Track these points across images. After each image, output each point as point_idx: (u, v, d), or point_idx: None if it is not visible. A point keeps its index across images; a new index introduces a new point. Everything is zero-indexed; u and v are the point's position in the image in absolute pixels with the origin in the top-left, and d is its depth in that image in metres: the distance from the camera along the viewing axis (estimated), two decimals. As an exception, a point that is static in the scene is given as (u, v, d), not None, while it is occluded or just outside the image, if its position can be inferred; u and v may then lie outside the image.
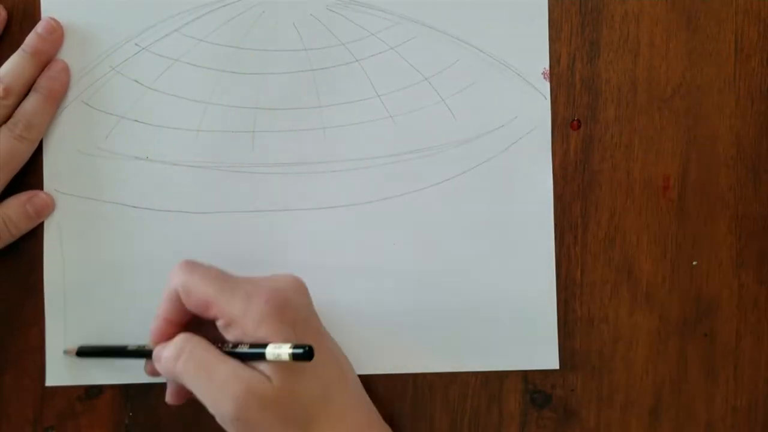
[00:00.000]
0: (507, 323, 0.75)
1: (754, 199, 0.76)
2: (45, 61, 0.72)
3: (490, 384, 0.75)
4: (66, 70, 0.72)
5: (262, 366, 0.63)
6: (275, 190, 0.74)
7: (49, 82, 0.72)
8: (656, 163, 0.75)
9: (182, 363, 0.64)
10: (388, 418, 0.74)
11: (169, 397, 0.69)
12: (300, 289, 0.67)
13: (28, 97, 0.71)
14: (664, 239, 0.76)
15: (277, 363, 0.62)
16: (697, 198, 0.76)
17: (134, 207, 0.73)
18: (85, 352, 0.73)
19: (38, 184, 0.73)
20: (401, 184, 0.74)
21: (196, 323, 0.66)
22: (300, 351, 0.60)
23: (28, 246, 0.73)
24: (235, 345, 0.64)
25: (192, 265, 0.66)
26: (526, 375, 0.75)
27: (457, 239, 0.74)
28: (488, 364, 0.75)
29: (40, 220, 0.73)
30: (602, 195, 0.76)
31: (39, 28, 0.72)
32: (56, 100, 0.72)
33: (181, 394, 0.69)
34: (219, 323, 0.64)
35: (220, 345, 0.64)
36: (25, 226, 0.72)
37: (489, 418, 0.76)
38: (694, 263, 0.76)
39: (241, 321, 0.63)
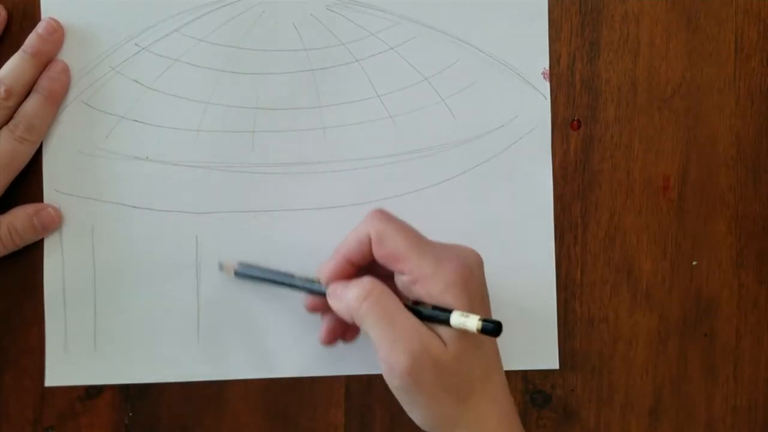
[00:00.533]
0: (507, 323, 0.73)
1: (754, 199, 0.76)
2: (46, 61, 0.72)
3: (490, 384, 0.75)
4: (66, 71, 0.72)
5: (440, 329, 0.63)
6: (275, 190, 0.74)
7: (49, 83, 0.71)
8: (656, 163, 0.76)
9: (368, 305, 0.64)
10: (388, 417, 0.75)
11: (323, 337, 0.71)
12: (481, 264, 0.67)
13: (28, 98, 0.71)
14: (664, 239, 0.76)
15: (456, 331, 0.62)
16: (697, 198, 0.76)
17: (134, 207, 0.73)
18: (244, 273, 0.73)
19: (38, 184, 0.73)
20: (401, 184, 0.74)
21: (371, 272, 0.67)
22: (490, 326, 0.60)
23: (28, 247, 0.73)
24: (417, 303, 0.64)
25: (388, 216, 0.67)
26: (526, 375, 0.76)
27: (457, 239, 0.73)
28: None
29: (45, 235, 0.73)
30: (602, 195, 0.76)
31: (39, 28, 0.71)
32: (57, 100, 0.72)
33: (335, 334, 0.70)
34: (404, 278, 0.65)
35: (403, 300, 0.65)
36: (30, 238, 0.72)
37: (489, 418, 0.75)
38: (694, 263, 0.76)
39: (428, 282, 0.64)
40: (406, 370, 0.62)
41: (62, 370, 0.73)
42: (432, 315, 0.63)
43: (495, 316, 0.74)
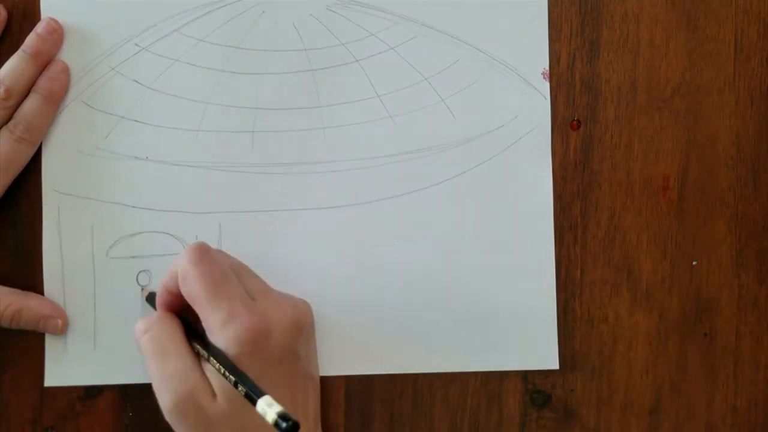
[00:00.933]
0: (507, 323, 0.75)
1: (754, 199, 0.76)
2: (45, 61, 0.72)
3: (490, 384, 0.75)
4: (66, 71, 0.72)
5: (215, 380, 0.63)
6: (275, 190, 0.74)
7: (48, 83, 0.71)
8: (656, 163, 0.75)
9: (146, 340, 0.66)
10: (388, 417, 0.75)
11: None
12: (294, 324, 0.67)
13: (27, 98, 0.71)
14: (663, 239, 0.76)
15: (229, 388, 0.62)
16: (696, 198, 0.76)
17: (134, 207, 0.73)
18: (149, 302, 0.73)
19: (38, 184, 0.73)
20: (401, 184, 0.74)
21: None
22: (284, 424, 0.56)
23: (28, 246, 0.73)
24: (213, 351, 0.64)
25: (201, 254, 0.66)
26: (526, 375, 0.75)
27: (457, 239, 0.74)
28: (488, 365, 0.75)
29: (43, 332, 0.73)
30: (602, 195, 0.76)
31: (39, 28, 0.72)
32: (56, 101, 0.72)
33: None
34: (202, 323, 0.65)
35: (199, 342, 0.65)
36: (28, 328, 0.72)
37: (489, 418, 0.76)
38: (694, 263, 0.76)
39: (215, 336, 0.64)
40: (169, 410, 0.64)
41: (61, 370, 0.73)
42: (225, 376, 0.63)
43: (494, 317, 0.75)
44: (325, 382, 0.74)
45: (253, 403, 0.58)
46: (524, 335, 0.75)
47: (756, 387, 0.76)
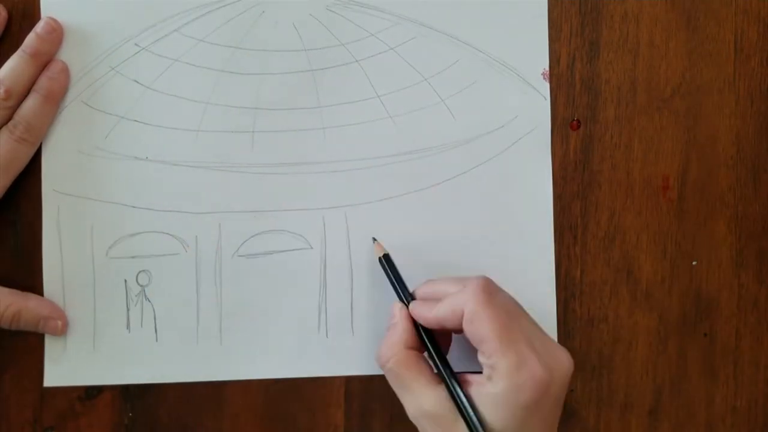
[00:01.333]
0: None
1: (754, 199, 0.76)
2: (45, 61, 0.72)
3: (490, 384, 0.75)
4: (65, 71, 0.72)
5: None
6: (275, 190, 0.74)
7: (48, 83, 0.71)
8: (656, 163, 0.76)
9: (388, 370, 0.68)
10: (388, 417, 0.75)
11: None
12: (568, 378, 0.65)
13: (27, 98, 0.71)
14: (663, 239, 0.76)
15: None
16: (696, 198, 0.76)
17: (133, 207, 0.73)
18: (383, 264, 0.72)
19: (37, 184, 0.73)
20: (401, 184, 0.74)
21: None
22: None
23: (28, 246, 0.73)
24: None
25: (489, 297, 0.65)
26: (525, 375, 0.75)
27: (456, 239, 0.75)
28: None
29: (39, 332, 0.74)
30: (602, 195, 0.76)
31: (38, 28, 0.71)
32: (56, 100, 0.72)
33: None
34: (480, 358, 0.64)
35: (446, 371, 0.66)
36: (27, 329, 0.72)
37: (489, 418, 0.75)
38: (694, 263, 0.76)
39: (501, 379, 0.63)
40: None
41: (61, 370, 0.73)
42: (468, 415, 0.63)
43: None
44: (326, 382, 0.74)
45: None
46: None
47: (756, 387, 0.76)
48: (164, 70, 0.73)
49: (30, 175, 0.73)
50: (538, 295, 0.75)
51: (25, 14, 0.73)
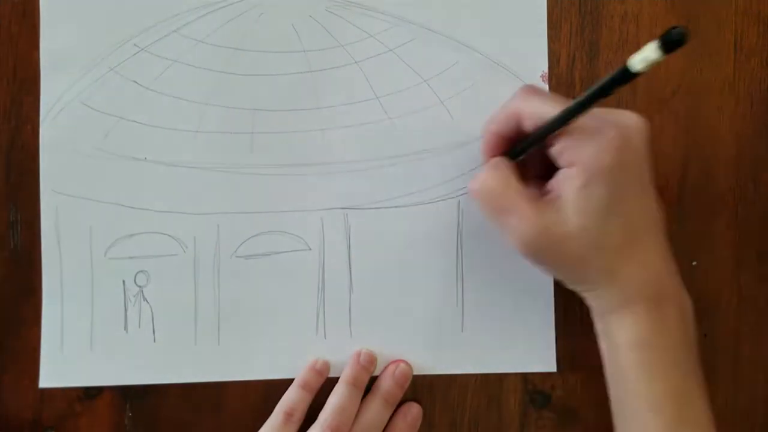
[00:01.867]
0: (505, 326, 0.75)
1: (754, 199, 0.77)
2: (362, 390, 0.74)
3: (490, 384, 0.76)
4: (419, 415, 0.76)
5: (556, 199, 0.64)
6: (273, 191, 0.74)
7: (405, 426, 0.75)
8: (656, 163, 0.75)
9: (481, 199, 0.67)
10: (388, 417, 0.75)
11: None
12: (646, 131, 0.65)
13: None
14: (663, 239, 0.76)
15: (576, 204, 0.63)
16: (696, 198, 0.76)
17: (132, 207, 0.73)
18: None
19: (36, 185, 0.73)
20: (399, 185, 0.75)
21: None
22: (670, 36, 0.54)
23: (27, 247, 0.73)
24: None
25: (536, 89, 0.67)
26: (525, 375, 0.76)
27: (455, 241, 0.75)
28: (486, 367, 0.76)
29: None
30: (602, 195, 0.76)
31: (361, 359, 0.75)
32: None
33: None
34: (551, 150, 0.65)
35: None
36: None
37: (488, 418, 0.76)
38: (694, 263, 0.77)
39: (585, 149, 0.63)
40: (524, 253, 0.66)
41: (57, 371, 0.74)
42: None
43: (493, 319, 0.75)
44: (325, 381, 0.74)
45: (629, 77, 0.57)
46: (522, 338, 0.75)
47: (756, 387, 0.77)
48: (163, 71, 0.73)
49: (29, 176, 0.73)
50: (537, 298, 0.76)
51: (25, 14, 0.73)
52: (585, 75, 0.76)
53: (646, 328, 0.65)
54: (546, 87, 0.75)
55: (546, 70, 0.75)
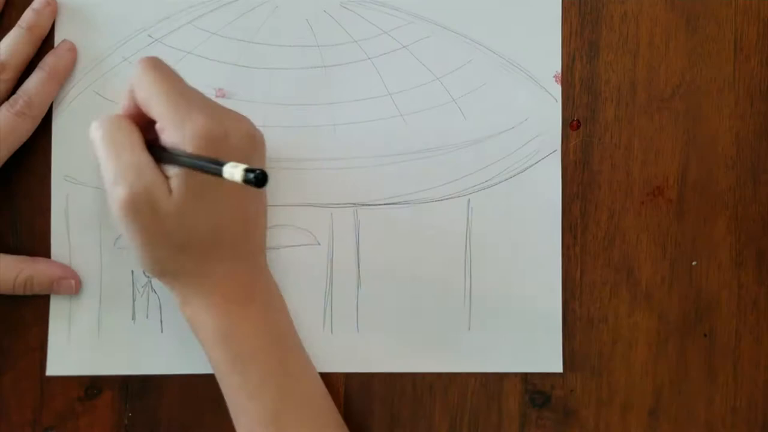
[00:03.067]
0: (511, 325, 0.76)
1: (754, 199, 0.77)
2: (40, 35, 0.74)
3: (490, 384, 0.76)
4: (72, 50, 0.74)
5: (174, 179, 0.64)
6: (284, 185, 0.75)
7: (53, 60, 0.73)
8: (656, 163, 0.76)
9: (99, 136, 0.66)
10: (388, 417, 0.76)
11: None
12: (252, 138, 0.67)
13: (32, 74, 0.73)
14: (663, 239, 0.77)
15: (184, 183, 0.64)
16: (696, 198, 0.77)
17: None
18: None
19: (47, 173, 0.74)
20: (410, 182, 0.76)
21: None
22: (252, 175, 0.55)
23: (33, 241, 0.74)
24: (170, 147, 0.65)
25: (155, 62, 0.66)
26: (525, 375, 0.76)
27: (464, 239, 0.76)
28: (491, 366, 0.76)
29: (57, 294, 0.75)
30: (602, 195, 0.77)
31: (35, 3, 0.73)
32: (59, 78, 0.73)
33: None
34: (157, 125, 0.66)
35: (156, 146, 0.66)
36: (40, 293, 0.74)
37: (488, 418, 0.77)
38: (694, 263, 0.77)
39: (171, 133, 0.64)
40: (121, 205, 0.64)
41: (64, 359, 0.74)
42: (171, 157, 0.64)
43: (500, 318, 0.75)
44: (325, 381, 0.74)
45: (218, 173, 0.57)
46: (528, 338, 0.76)
47: (756, 387, 0.77)
48: (177, 62, 0.74)
49: (39, 164, 0.74)
50: (544, 298, 0.76)
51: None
52: (585, 75, 0.77)
53: (224, 323, 0.68)
54: (559, 88, 0.76)
55: (559, 70, 0.76)
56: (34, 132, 0.73)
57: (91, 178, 0.74)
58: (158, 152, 0.65)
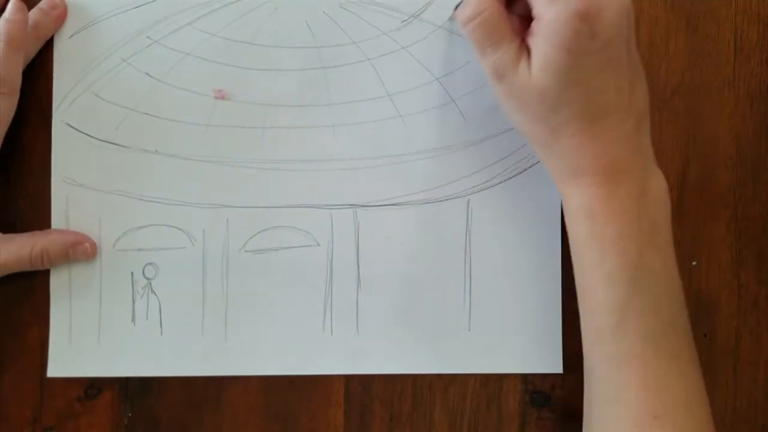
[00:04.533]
0: (512, 326, 0.76)
1: (754, 199, 0.78)
2: (44, 35, 0.74)
3: (490, 384, 0.77)
4: (22, 10, 0.71)
5: (531, 58, 0.65)
6: (283, 186, 0.76)
7: (6, 26, 0.70)
8: (656, 163, 0.77)
9: (473, 26, 0.67)
10: (388, 418, 0.77)
11: None
12: (627, 10, 0.65)
13: None
14: (663, 239, 0.77)
15: (537, 62, 0.64)
16: (696, 198, 0.78)
17: (141, 200, 0.75)
18: None
19: (47, 175, 0.75)
20: (409, 183, 0.76)
21: None
22: None
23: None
24: None
25: None
26: (525, 376, 0.77)
27: (463, 240, 0.76)
28: (491, 367, 0.77)
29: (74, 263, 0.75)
30: (602, 195, 0.77)
31: (42, 3, 0.73)
32: (18, 44, 0.71)
33: None
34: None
35: None
36: (58, 264, 0.74)
37: (488, 418, 0.77)
38: (694, 263, 0.78)
39: (544, 7, 0.64)
40: (498, 90, 0.67)
41: (65, 361, 0.75)
42: None
43: (500, 318, 0.75)
44: (326, 382, 0.76)
45: None
46: (528, 338, 0.77)
47: (756, 387, 0.78)
48: (176, 64, 0.75)
49: (39, 165, 0.75)
50: (544, 298, 0.77)
51: (40, 3, 0.75)
52: (585, 74, 0.77)
53: (592, 198, 0.67)
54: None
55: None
56: (34, 132, 0.74)
57: (90, 181, 0.75)
58: None
